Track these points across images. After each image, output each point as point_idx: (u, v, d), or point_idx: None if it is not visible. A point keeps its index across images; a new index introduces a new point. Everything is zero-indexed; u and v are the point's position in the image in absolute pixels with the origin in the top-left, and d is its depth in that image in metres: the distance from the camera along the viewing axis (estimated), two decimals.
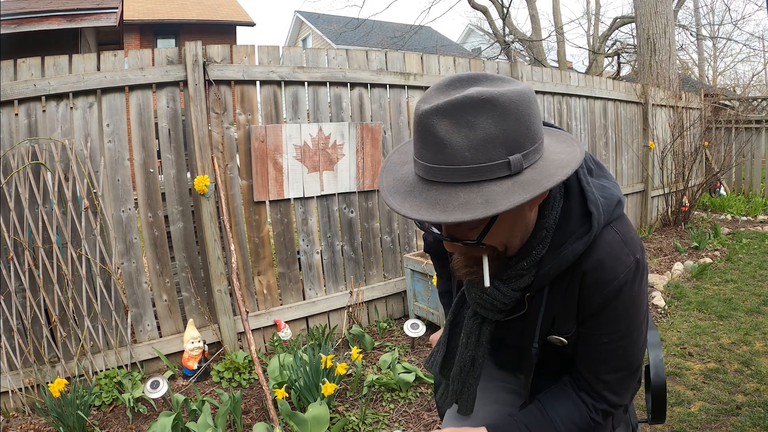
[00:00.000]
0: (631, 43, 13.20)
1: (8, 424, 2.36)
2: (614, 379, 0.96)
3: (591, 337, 0.94)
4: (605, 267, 0.88)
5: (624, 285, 0.89)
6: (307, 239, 3.25)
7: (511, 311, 1.00)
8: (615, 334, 0.92)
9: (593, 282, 0.89)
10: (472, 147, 0.75)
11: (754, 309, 3.45)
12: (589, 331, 0.94)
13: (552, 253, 0.90)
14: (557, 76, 4.78)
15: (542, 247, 0.91)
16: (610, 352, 0.94)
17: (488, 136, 0.74)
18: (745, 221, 6.45)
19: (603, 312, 0.91)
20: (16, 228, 2.44)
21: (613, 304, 0.90)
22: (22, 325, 2.49)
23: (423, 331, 2.99)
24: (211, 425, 2.18)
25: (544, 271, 0.91)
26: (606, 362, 0.95)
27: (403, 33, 14.16)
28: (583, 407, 0.97)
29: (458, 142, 0.75)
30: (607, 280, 0.88)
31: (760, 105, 7.81)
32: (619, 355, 0.94)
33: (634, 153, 5.90)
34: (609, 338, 0.93)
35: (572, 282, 0.91)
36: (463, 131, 0.74)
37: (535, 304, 0.97)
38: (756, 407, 2.26)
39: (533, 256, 0.91)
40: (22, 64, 2.47)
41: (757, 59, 20.63)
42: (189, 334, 2.76)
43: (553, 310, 0.95)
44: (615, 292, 0.89)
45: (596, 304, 0.90)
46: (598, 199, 0.90)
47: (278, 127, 3.05)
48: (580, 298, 0.92)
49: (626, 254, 0.89)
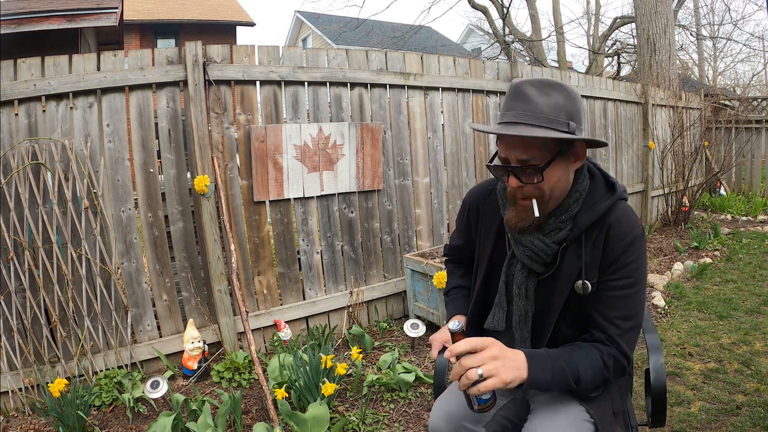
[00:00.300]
0: (631, 43, 13.20)
1: (8, 424, 2.36)
2: (625, 327, 1.18)
3: (609, 283, 1.19)
4: (622, 222, 1.19)
5: (636, 238, 1.18)
6: (307, 239, 3.25)
7: (547, 267, 1.25)
8: (628, 279, 1.18)
9: (615, 233, 1.18)
10: (548, 106, 1.13)
11: (754, 309, 3.45)
12: (609, 276, 1.19)
13: (586, 210, 1.21)
14: (557, 76, 4.78)
15: (576, 206, 1.22)
16: (624, 298, 1.18)
17: (558, 104, 1.14)
18: (745, 221, 6.45)
19: (621, 258, 1.17)
20: (16, 228, 2.44)
21: (629, 252, 1.17)
22: (22, 325, 2.49)
23: (423, 331, 2.99)
24: (211, 425, 2.18)
25: (580, 222, 1.20)
26: (619, 309, 1.18)
27: (403, 33, 14.17)
28: (597, 352, 1.17)
29: (540, 101, 1.13)
30: (625, 231, 1.18)
31: (760, 105, 7.81)
32: (629, 301, 1.18)
33: (634, 153, 5.90)
34: (624, 282, 1.18)
35: (599, 235, 1.20)
36: (544, 97, 1.13)
37: (570, 254, 1.22)
38: (756, 407, 2.26)
39: (569, 212, 1.21)
40: (22, 64, 2.48)
41: (757, 59, 20.65)
42: (189, 334, 2.76)
43: (583, 258, 1.21)
44: (630, 242, 1.17)
45: (617, 251, 1.18)
46: (615, 180, 1.27)
47: (278, 127, 3.05)
48: (605, 248, 1.19)
49: (635, 218, 1.22)
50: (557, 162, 1.16)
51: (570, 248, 1.22)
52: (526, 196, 1.18)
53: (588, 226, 1.20)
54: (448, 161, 3.88)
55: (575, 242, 1.21)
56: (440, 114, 3.83)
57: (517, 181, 1.16)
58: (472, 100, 3.98)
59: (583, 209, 1.21)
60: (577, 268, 1.20)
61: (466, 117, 3.96)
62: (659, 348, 1.38)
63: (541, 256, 1.23)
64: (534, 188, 1.17)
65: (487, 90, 4.04)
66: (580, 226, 1.20)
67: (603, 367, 1.16)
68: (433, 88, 3.73)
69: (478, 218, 1.43)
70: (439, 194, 3.84)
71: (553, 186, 1.18)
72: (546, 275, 1.25)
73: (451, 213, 3.92)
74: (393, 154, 3.57)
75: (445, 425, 1.29)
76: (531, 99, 1.13)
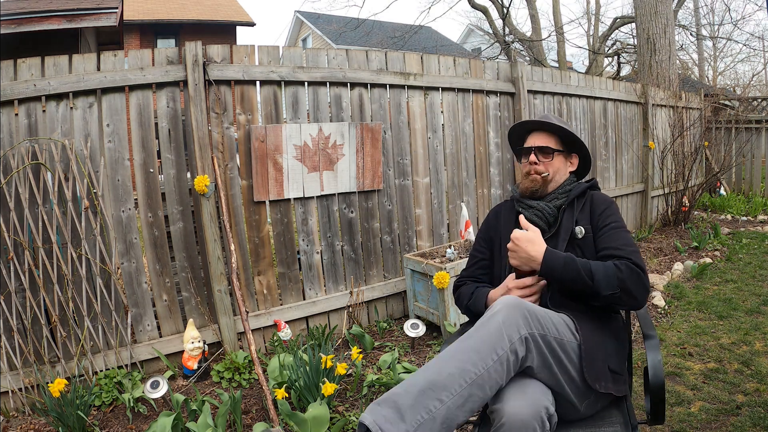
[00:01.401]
0: (631, 43, 13.19)
1: (8, 424, 2.36)
2: (628, 249, 1.50)
3: (602, 227, 1.60)
4: (600, 195, 1.72)
5: (612, 202, 1.70)
6: (307, 239, 3.25)
7: (549, 226, 1.68)
8: (615, 222, 1.61)
9: (597, 200, 1.69)
10: (564, 123, 1.78)
11: (754, 309, 3.45)
12: (600, 221, 1.62)
13: (576, 187, 1.74)
14: (557, 76, 4.78)
15: (568, 187, 1.74)
16: (617, 230, 1.58)
17: (570, 126, 1.77)
18: (745, 221, 6.45)
19: (605, 210, 1.65)
20: (16, 228, 2.44)
21: (609, 208, 1.66)
22: (22, 325, 2.49)
23: (423, 331, 2.99)
24: (211, 425, 2.18)
25: (571, 193, 1.71)
26: (618, 239, 1.55)
27: (403, 33, 14.16)
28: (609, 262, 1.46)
29: (557, 122, 1.75)
30: (603, 199, 1.70)
31: (760, 105, 7.81)
32: (623, 233, 1.57)
33: (634, 153, 5.90)
34: (612, 223, 1.60)
35: (585, 203, 1.69)
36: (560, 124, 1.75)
37: (566, 215, 1.68)
38: (756, 407, 2.26)
39: (563, 189, 1.73)
40: (22, 64, 2.48)
41: (757, 59, 20.62)
42: (189, 334, 2.76)
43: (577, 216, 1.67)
44: (609, 202, 1.69)
45: (601, 207, 1.66)
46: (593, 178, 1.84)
47: (278, 127, 3.05)
48: (591, 208, 1.67)
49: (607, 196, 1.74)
50: (562, 156, 1.75)
51: (566, 211, 1.69)
52: (538, 171, 1.71)
53: (577, 195, 1.70)
54: (448, 161, 3.88)
55: (569, 206, 1.69)
56: (440, 114, 3.83)
57: (536, 157, 1.71)
58: (472, 100, 3.97)
59: (574, 189, 1.74)
60: (573, 221, 1.65)
61: (466, 117, 3.96)
62: (657, 347, 1.38)
63: (545, 215, 1.69)
64: (544, 167, 1.71)
65: (487, 90, 4.04)
66: (571, 195, 1.71)
67: (615, 269, 1.43)
68: (433, 88, 3.73)
69: (497, 217, 1.84)
70: (439, 194, 3.84)
71: (556, 170, 1.73)
72: (550, 234, 1.66)
73: (451, 213, 3.92)
74: (393, 154, 3.57)
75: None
76: (550, 117, 1.76)
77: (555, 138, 1.75)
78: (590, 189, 1.74)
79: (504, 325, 1.28)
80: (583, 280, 1.42)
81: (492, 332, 1.27)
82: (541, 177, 1.71)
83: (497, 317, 1.30)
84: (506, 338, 1.26)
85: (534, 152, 1.73)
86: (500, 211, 1.86)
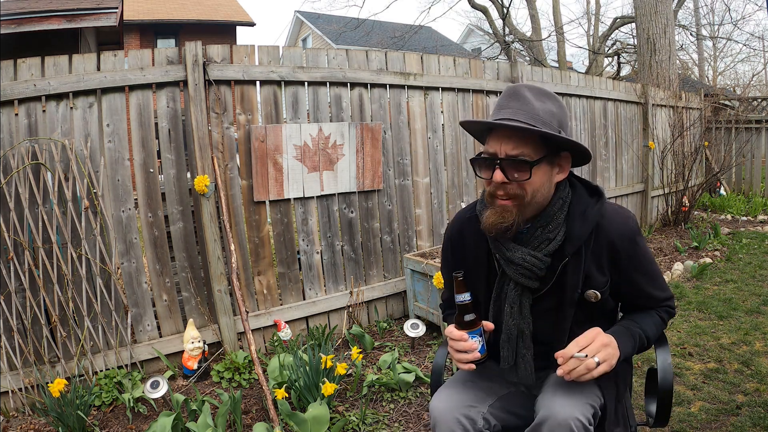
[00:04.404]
0: (631, 43, 13.20)
1: (8, 424, 2.36)
2: (664, 295, 1.31)
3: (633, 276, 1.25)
4: (618, 222, 1.23)
5: (636, 232, 1.24)
6: (307, 239, 3.25)
7: (544, 281, 1.24)
8: (647, 266, 1.26)
9: (617, 235, 1.22)
10: (543, 110, 1.17)
11: (754, 309, 3.45)
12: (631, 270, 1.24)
13: (578, 220, 1.21)
14: (557, 76, 4.78)
15: (561, 214, 1.22)
16: (652, 275, 1.28)
17: (552, 111, 1.18)
18: (745, 221, 6.45)
19: (633, 252, 1.23)
20: (16, 228, 2.44)
21: (637, 245, 1.23)
22: (22, 325, 2.49)
23: (423, 331, 2.99)
24: (211, 425, 2.18)
25: (577, 233, 1.21)
26: (652, 286, 1.28)
27: (403, 33, 14.17)
28: (654, 312, 1.31)
29: (536, 104, 1.16)
30: (625, 230, 1.22)
31: (760, 105, 7.81)
32: (656, 278, 1.29)
33: (634, 153, 5.90)
34: (645, 269, 1.26)
35: (598, 242, 1.22)
36: (540, 102, 1.17)
37: (572, 267, 1.22)
38: (756, 407, 2.26)
39: (555, 221, 1.21)
40: (22, 64, 2.47)
41: (757, 59, 20.63)
42: (189, 334, 2.76)
43: (587, 266, 1.22)
44: (633, 237, 1.23)
45: (626, 249, 1.22)
46: (596, 184, 1.30)
47: (278, 127, 3.05)
48: (612, 251, 1.22)
49: (623, 210, 1.28)
50: (544, 165, 1.17)
51: (570, 263, 1.22)
52: (508, 194, 1.17)
53: (585, 237, 1.21)
54: (448, 161, 3.88)
55: (575, 256, 1.21)
56: (440, 114, 3.83)
57: (503, 176, 1.15)
58: (472, 100, 3.98)
59: (575, 219, 1.22)
60: (581, 279, 1.22)
61: (466, 117, 3.95)
62: (667, 347, 1.38)
63: (535, 272, 1.22)
64: (518, 187, 1.16)
65: (487, 90, 4.04)
66: (580, 237, 1.21)
67: (661, 322, 1.32)
68: (433, 88, 3.73)
69: (462, 243, 1.38)
70: (439, 194, 3.84)
71: (536, 189, 1.17)
72: (543, 290, 1.25)
73: (451, 213, 3.92)
74: (393, 154, 3.57)
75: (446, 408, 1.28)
76: (527, 100, 1.16)
77: (534, 137, 1.15)
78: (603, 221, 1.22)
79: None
80: (642, 347, 1.27)
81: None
82: (513, 203, 1.17)
83: None
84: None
85: (499, 166, 1.15)
86: (464, 232, 1.37)
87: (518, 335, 1.27)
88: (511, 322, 1.27)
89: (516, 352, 1.29)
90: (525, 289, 1.25)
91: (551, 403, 1.15)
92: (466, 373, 1.39)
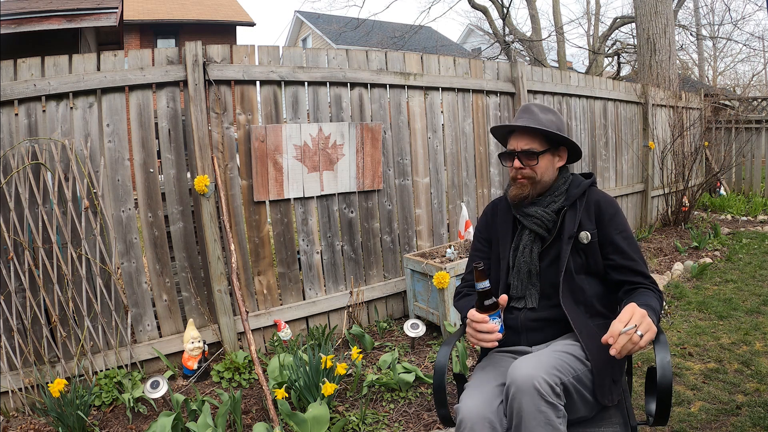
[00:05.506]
0: (631, 43, 13.20)
1: (8, 424, 2.36)
2: (649, 274, 1.57)
3: (615, 236, 1.60)
4: (604, 194, 1.70)
5: (617, 207, 1.67)
6: (307, 239, 3.25)
7: (550, 233, 1.65)
8: (626, 232, 1.62)
9: (603, 200, 1.67)
10: (545, 120, 1.67)
11: (754, 309, 3.45)
12: (612, 230, 1.61)
13: (574, 187, 1.69)
14: (557, 76, 4.78)
15: (563, 186, 1.69)
16: (628, 240, 1.60)
17: (552, 120, 1.69)
18: (745, 221, 6.45)
19: (615, 217, 1.63)
20: (16, 228, 2.44)
21: (618, 215, 1.64)
22: (22, 325, 2.49)
23: (423, 331, 2.99)
24: (211, 425, 2.18)
25: (572, 194, 1.67)
26: (633, 251, 1.58)
27: (403, 33, 14.16)
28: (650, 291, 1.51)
29: (542, 116, 1.68)
30: (608, 199, 1.68)
31: (760, 105, 7.81)
32: (633, 244, 1.61)
33: (634, 153, 5.90)
34: (624, 233, 1.61)
35: (589, 205, 1.65)
36: (543, 115, 1.68)
37: (568, 217, 1.65)
38: (756, 407, 2.26)
39: (559, 190, 1.69)
40: (22, 64, 2.47)
41: (757, 59, 20.62)
42: (189, 334, 2.76)
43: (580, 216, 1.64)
44: (615, 206, 1.67)
45: (610, 212, 1.64)
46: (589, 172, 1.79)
47: (278, 127, 3.05)
48: (598, 211, 1.64)
49: (611, 197, 1.71)
50: (547, 155, 1.67)
51: (568, 213, 1.65)
52: (524, 175, 1.67)
53: (578, 195, 1.67)
54: (448, 161, 3.88)
55: (572, 208, 1.66)
56: (440, 114, 3.83)
57: (520, 163, 1.66)
58: (472, 100, 3.98)
59: (571, 187, 1.71)
60: (576, 224, 1.62)
61: (466, 117, 3.96)
62: (666, 345, 1.38)
63: (544, 222, 1.65)
64: (530, 170, 1.65)
65: (487, 90, 4.04)
66: (573, 196, 1.67)
67: (659, 298, 1.52)
68: (433, 88, 3.73)
69: (495, 213, 1.84)
70: (439, 194, 3.84)
71: (543, 172, 1.67)
72: (550, 240, 1.65)
73: (451, 213, 3.92)
74: (393, 154, 3.57)
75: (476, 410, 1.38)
76: (535, 113, 1.68)
77: (539, 136, 1.66)
78: (594, 192, 1.69)
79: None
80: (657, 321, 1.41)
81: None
82: (528, 181, 1.66)
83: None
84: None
85: (517, 157, 1.67)
86: (497, 208, 1.83)
87: (527, 272, 1.65)
88: (522, 260, 1.66)
89: (524, 287, 1.65)
90: (537, 237, 1.66)
91: (518, 365, 1.34)
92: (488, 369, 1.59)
